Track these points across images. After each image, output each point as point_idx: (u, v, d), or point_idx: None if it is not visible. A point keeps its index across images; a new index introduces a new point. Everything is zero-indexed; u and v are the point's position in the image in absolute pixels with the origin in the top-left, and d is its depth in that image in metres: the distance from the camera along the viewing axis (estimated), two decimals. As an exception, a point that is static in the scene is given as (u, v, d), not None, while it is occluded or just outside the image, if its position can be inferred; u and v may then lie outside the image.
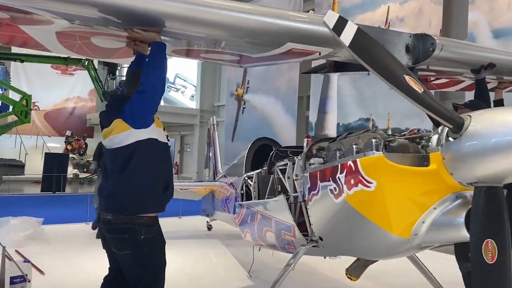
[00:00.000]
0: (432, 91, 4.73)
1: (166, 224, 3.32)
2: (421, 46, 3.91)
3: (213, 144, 8.87)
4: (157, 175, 3.06)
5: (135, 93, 2.95)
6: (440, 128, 3.10)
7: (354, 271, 4.21)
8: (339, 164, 3.48)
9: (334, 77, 11.84)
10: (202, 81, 19.69)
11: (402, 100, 3.86)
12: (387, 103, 10.20)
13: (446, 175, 2.98)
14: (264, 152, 5.68)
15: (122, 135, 2.95)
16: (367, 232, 3.43)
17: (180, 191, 7.91)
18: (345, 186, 3.40)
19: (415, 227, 3.18)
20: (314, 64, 5.19)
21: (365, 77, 8.87)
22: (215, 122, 9.17)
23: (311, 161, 4.15)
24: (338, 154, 3.62)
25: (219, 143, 9.17)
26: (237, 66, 4.11)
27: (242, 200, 5.49)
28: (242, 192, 5.62)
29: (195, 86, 20.81)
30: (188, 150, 20.78)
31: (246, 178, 5.38)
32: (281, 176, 4.47)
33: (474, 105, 4.18)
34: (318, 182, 3.79)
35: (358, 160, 3.25)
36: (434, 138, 3.18)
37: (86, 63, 18.66)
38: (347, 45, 2.63)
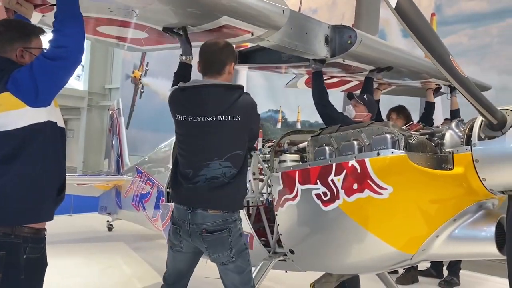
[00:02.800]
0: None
1: (55, 224, 2.50)
2: (339, 38, 3.74)
3: (118, 131, 7.58)
4: (53, 172, 2.29)
5: (41, 56, 2.17)
6: (465, 123, 2.43)
7: (323, 287, 3.45)
8: (334, 164, 2.66)
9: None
10: (92, 59, 17.64)
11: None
12: (297, 95, 9.72)
13: (474, 180, 2.35)
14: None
15: (11, 114, 2.11)
16: (361, 247, 2.71)
17: (76, 186, 6.50)
18: (342, 192, 2.63)
19: (426, 242, 2.52)
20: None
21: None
22: (120, 106, 7.82)
23: (281, 157, 3.27)
24: (328, 151, 2.79)
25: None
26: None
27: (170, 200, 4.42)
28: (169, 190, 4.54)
29: (82, 65, 18.43)
30: (72, 137, 18.47)
31: None
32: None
33: (370, 102, 4.19)
34: (297, 184, 2.94)
35: (367, 160, 2.47)
36: (450, 135, 2.49)
37: None
38: (393, 7, 2.29)
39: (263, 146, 4.10)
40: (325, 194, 2.93)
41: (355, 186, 2.74)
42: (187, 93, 2.76)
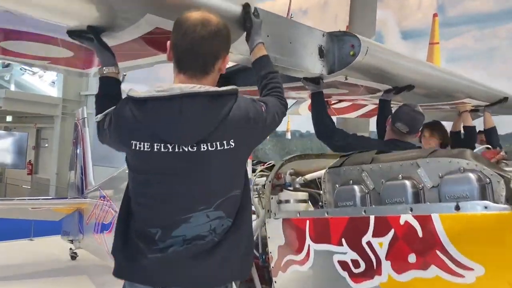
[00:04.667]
0: (334, 117, 3.73)
1: (13, 249, 0.87)
2: (338, 48, 2.84)
3: (82, 143, 6.36)
4: None
5: None
6: None
7: None
8: (372, 218, 1.51)
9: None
10: (66, 65, 16.16)
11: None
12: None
13: None
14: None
15: None
16: None
17: (31, 211, 5.37)
18: (387, 264, 1.44)
19: None
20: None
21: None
22: (85, 115, 6.60)
23: (282, 195, 2.13)
24: (359, 193, 1.66)
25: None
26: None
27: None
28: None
29: (57, 71, 17.10)
30: (46, 145, 17.08)
31: None
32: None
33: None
34: (308, 241, 1.80)
35: (436, 216, 1.32)
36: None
37: None
38: None
39: (253, 172, 2.98)
40: (355, 263, 1.79)
41: (411, 258, 1.59)
42: (148, 109, 1.77)
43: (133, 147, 1.75)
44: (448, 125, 4.96)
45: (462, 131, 4.32)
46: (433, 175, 1.73)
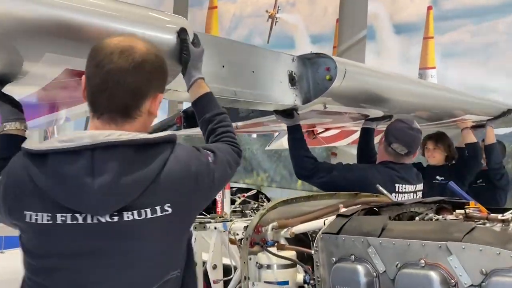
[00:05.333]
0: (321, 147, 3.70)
1: None
2: (312, 73, 2.38)
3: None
4: None
5: None
6: None
7: None
8: None
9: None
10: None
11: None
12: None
13: None
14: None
15: None
16: None
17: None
18: None
19: None
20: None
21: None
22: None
23: (260, 258, 1.55)
24: (365, 278, 1.11)
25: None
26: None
27: None
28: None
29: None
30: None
31: None
32: None
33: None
34: None
35: None
36: None
37: None
38: None
39: (232, 204, 2.53)
40: None
41: None
42: (49, 166, 1.26)
43: (28, 220, 1.24)
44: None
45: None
46: (473, 269, 1.22)
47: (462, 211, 1.56)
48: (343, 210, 1.98)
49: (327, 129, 3.72)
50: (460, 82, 6.98)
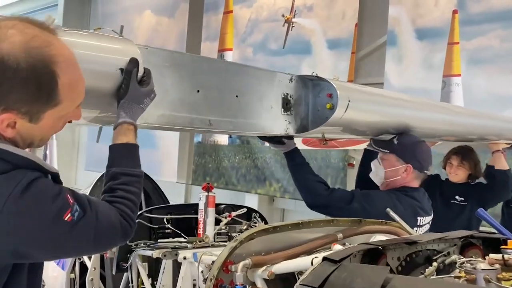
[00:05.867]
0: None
1: None
2: (313, 99, 2.09)
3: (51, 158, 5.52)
4: None
5: None
6: None
7: None
8: None
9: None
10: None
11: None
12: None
13: None
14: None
15: None
16: None
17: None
18: None
19: None
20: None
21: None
22: None
23: None
24: None
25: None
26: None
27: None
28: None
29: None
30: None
31: None
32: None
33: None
34: None
35: None
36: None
37: None
38: None
39: (216, 225, 2.19)
40: None
41: None
42: None
43: None
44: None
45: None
46: None
47: (499, 256, 1.18)
48: (335, 247, 1.59)
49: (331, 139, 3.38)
50: (487, 91, 6.45)
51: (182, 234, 2.42)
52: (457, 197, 3.49)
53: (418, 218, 2.38)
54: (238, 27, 8.79)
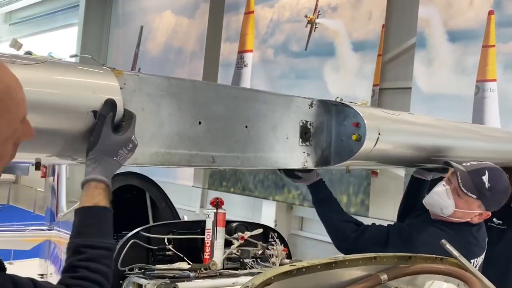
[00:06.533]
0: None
1: None
2: (336, 127, 1.79)
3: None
4: None
5: None
6: None
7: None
8: None
9: (247, 73, 8.79)
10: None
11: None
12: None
13: None
14: (128, 200, 3.37)
15: None
16: None
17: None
18: None
19: None
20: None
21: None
22: None
23: None
24: None
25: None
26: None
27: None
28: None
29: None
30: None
31: None
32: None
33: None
34: None
35: None
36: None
37: None
38: None
39: (226, 247, 1.99)
40: None
41: None
42: None
43: None
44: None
45: None
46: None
47: None
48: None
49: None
50: (525, 97, 5.99)
51: (185, 258, 2.07)
52: (494, 219, 3.16)
53: (471, 260, 2.01)
54: (259, 28, 8.48)
